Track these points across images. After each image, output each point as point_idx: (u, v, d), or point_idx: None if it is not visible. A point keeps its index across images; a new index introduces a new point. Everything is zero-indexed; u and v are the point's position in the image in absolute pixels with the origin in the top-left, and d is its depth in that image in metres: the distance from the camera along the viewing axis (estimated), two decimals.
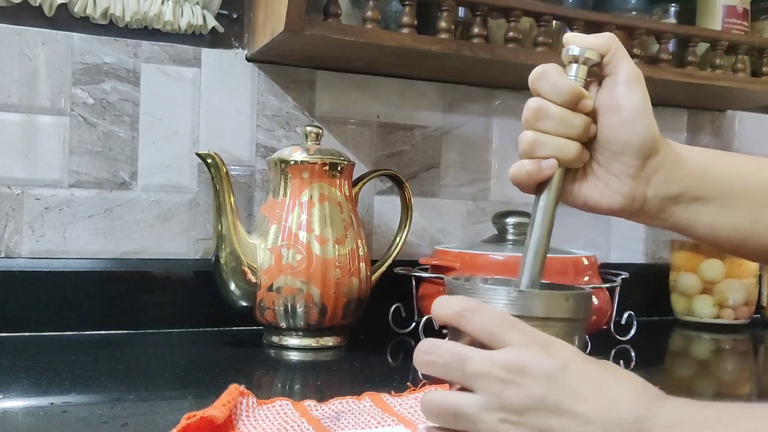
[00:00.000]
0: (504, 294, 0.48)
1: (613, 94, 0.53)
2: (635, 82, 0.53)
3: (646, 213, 0.55)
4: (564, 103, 0.52)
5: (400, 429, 0.59)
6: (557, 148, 0.53)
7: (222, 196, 0.87)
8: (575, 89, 0.52)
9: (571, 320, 0.49)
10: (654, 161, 0.54)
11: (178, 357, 0.86)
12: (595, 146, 0.55)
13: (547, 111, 0.52)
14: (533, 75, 0.54)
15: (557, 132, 0.53)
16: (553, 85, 0.53)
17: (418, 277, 0.97)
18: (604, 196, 0.55)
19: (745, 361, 1.05)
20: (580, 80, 0.53)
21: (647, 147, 0.53)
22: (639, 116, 0.53)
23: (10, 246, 0.93)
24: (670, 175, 0.54)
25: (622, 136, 0.53)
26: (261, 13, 0.97)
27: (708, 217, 0.55)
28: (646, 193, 0.54)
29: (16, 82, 0.92)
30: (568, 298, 0.49)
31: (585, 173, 0.55)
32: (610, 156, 0.54)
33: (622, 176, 0.54)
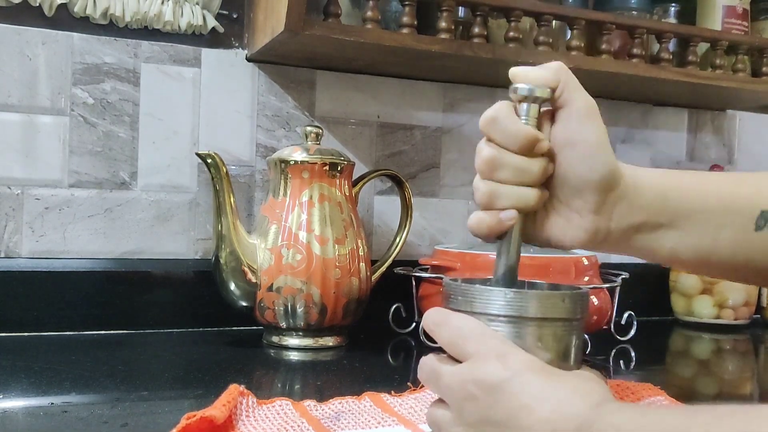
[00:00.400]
0: (500, 295, 0.48)
1: (567, 129, 0.52)
2: (590, 114, 0.52)
3: (608, 244, 0.55)
4: (519, 150, 0.50)
5: (400, 429, 0.59)
6: (516, 197, 0.51)
7: (222, 196, 0.87)
8: (529, 134, 0.50)
9: (568, 320, 0.49)
10: (614, 194, 0.53)
11: (178, 357, 0.86)
12: (553, 183, 0.53)
13: (502, 161, 0.51)
14: (483, 120, 0.52)
15: (515, 181, 0.51)
16: (506, 133, 0.50)
17: (418, 277, 0.97)
18: (568, 234, 0.54)
19: (745, 361, 1.05)
20: (532, 120, 0.51)
21: (606, 181, 0.52)
22: (596, 151, 0.51)
23: (10, 246, 0.92)
24: (632, 205, 0.53)
25: (580, 173, 0.52)
26: (261, 13, 0.97)
27: (669, 241, 0.54)
28: (609, 226, 0.53)
29: (16, 82, 0.92)
30: (565, 298, 0.49)
31: (546, 211, 0.54)
32: (570, 192, 0.53)
33: (583, 212, 0.53)
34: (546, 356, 0.48)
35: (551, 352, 0.48)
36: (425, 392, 0.66)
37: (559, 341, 0.49)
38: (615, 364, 0.90)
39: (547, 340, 0.48)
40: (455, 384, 0.47)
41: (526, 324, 0.48)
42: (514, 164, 0.51)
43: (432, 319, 0.50)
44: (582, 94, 0.52)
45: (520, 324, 0.48)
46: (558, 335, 0.48)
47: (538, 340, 0.48)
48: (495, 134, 0.51)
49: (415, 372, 0.52)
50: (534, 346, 0.48)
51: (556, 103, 0.52)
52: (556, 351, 0.48)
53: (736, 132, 1.37)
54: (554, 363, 0.48)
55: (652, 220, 0.54)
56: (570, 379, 0.45)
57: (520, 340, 0.48)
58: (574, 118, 0.51)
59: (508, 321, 0.48)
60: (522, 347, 0.47)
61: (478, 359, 0.46)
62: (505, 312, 0.48)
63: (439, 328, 0.49)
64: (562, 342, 0.49)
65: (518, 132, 0.50)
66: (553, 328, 0.48)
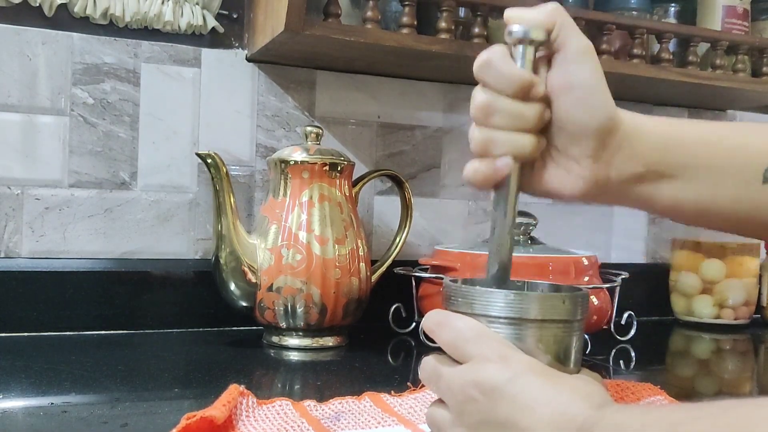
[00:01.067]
0: (501, 296, 0.48)
1: (563, 73, 0.50)
2: (585, 55, 0.50)
3: (608, 194, 0.53)
4: (514, 95, 0.49)
5: (400, 429, 0.59)
6: (511, 144, 0.49)
7: (222, 196, 0.87)
8: (524, 78, 0.49)
9: (568, 321, 0.49)
10: (614, 140, 0.51)
11: (178, 357, 0.86)
12: (551, 130, 0.51)
13: (496, 106, 0.49)
14: (477, 64, 0.50)
15: (510, 126, 0.49)
16: (500, 75, 0.49)
17: (418, 277, 0.97)
18: (566, 183, 0.52)
19: (745, 361, 1.05)
20: (528, 64, 0.49)
21: (605, 126, 0.50)
22: (593, 94, 0.50)
23: (10, 246, 0.92)
24: (632, 153, 0.51)
25: (578, 117, 0.50)
26: (261, 13, 0.97)
27: (669, 191, 0.53)
28: (608, 174, 0.52)
29: (16, 82, 0.92)
30: (565, 299, 0.49)
31: (543, 160, 0.52)
32: (568, 140, 0.51)
33: (582, 160, 0.51)
34: (546, 358, 0.48)
35: (552, 354, 0.48)
36: (425, 392, 0.66)
37: (560, 343, 0.48)
38: (615, 364, 0.90)
39: (548, 341, 0.48)
40: (456, 385, 0.47)
41: (527, 325, 0.48)
42: (510, 109, 0.49)
43: (433, 320, 0.50)
44: (578, 35, 0.50)
45: (521, 325, 0.48)
46: (558, 337, 0.48)
47: (539, 341, 0.48)
48: (489, 78, 0.49)
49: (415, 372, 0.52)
50: (534, 347, 0.48)
51: (552, 47, 0.50)
52: (556, 352, 0.48)
53: None
54: (554, 364, 0.48)
55: (652, 170, 0.52)
56: (571, 382, 0.45)
57: (521, 341, 0.47)
58: (570, 61, 0.49)
59: (508, 323, 0.48)
60: (522, 349, 0.47)
61: (478, 361, 0.46)
62: (506, 314, 0.48)
63: (440, 330, 0.49)
64: (562, 343, 0.49)
65: (512, 75, 0.49)
66: (553, 330, 0.48)
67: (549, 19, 0.49)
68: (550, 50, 0.50)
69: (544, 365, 0.46)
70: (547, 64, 0.51)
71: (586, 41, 0.50)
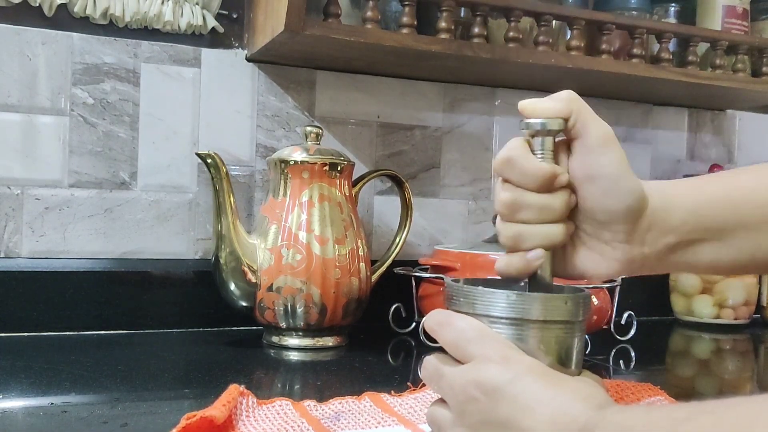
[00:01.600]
0: (503, 297, 0.48)
1: (587, 162, 0.50)
2: (607, 144, 0.50)
3: (646, 268, 0.53)
4: (539, 189, 0.49)
5: (400, 429, 0.59)
6: (542, 236, 0.50)
7: (222, 196, 0.87)
8: (547, 171, 0.49)
9: (570, 322, 0.49)
10: (644, 221, 0.51)
11: (178, 357, 0.86)
12: (578, 216, 0.51)
13: (522, 202, 0.49)
14: (498, 163, 0.50)
15: (538, 220, 0.49)
16: (523, 173, 0.49)
17: (418, 277, 0.97)
18: (601, 266, 0.52)
19: (745, 361, 1.05)
20: (548, 153, 0.50)
21: (634, 210, 0.50)
22: (619, 182, 0.49)
23: (10, 246, 0.92)
24: (664, 228, 0.51)
25: (605, 205, 0.50)
26: (261, 13, 0.97)
27: (708, 255, 0.53)
28: (643, 252, 0.52)
29: (16, 82, 0.92)
30: (567, 300, 0.49)
31: (573, 245, 0.53)
32: (597, 225, 0.51)
33: (614, 243, 0.51)
34: (548, 359, 0.48)
35: (553, 355, 0.48)
36: (425, 392, 0.66)
37: (561, 343, 0.48)
38: (615, 364, 0.90)
39: (549, 342, 0.48)
40: (457, 385, 0.47)
41: (528, 326, 0.48)
42: (536, 203, 0.49)
43: (434, 320, 0.50)
44: (596, 122, 0.50)
45: (522, 326, 0.48)
46: (560, 338, 0.48)
47: (540, 342, 0.48)
48: (512, 175, 0.50)
49: (415, 372, 0.52)
50: (536, 348, 0.48)
51: (571, 133, 0.50)
52: (557, 353, 0.48)
53: (735, 132, 1.37)
54: (556, 365, 0.48)
55: (686, 239, 0.52)
56: (572, 383, 0.45)
57: (522, 342, 0.47)
58: (591, 150, 0.49)
59: (510, 323, 0.48)
60: (524, 350, 0.47)
61: (480, 361, 0.46)
62: (507, 314, 0.48)
63: (442, 329, 0.49)
64: (564, 344, 0.49)
65: (536, 170, 0.49)
66: (555, 331, 0.48)
67: (565, 108, 0.50)
68: (569, 136, 0.51)
69: (546, 366, 0.46)
70: (567, 148, 0.51)
71: (606, 128, 0.50)
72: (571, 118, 0.50)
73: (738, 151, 1.37)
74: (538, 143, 0.50)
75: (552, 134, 0.50)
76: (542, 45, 0.98)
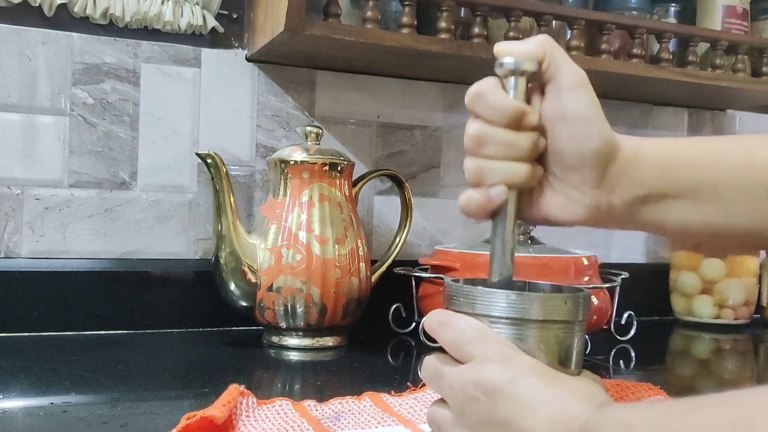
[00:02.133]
0: (503, 297, 0.48)
1: (558, 103, 0.49)
2: (580, 86, 0.49)
3: (612, 219, 0.52)
4: (506, 124, 0.49)
5: (400, 429, 0.59)
6: (506, 173, 0.49)
7: (222, 196, 0.87)
8: (516, 107, 0.49)
9: (570, 322, 0.49)
10: (614, 167, 0.50)
11: (178, 357, 0.86)
12: (548, 159, 0.51)
13: (489, 136, 0.49)
14: (469, 95, 0.50)
15: (503, 156, 0.49)
16: (492, 106, 0.49)
17: (418, 277, 0.97)
18: (567, 210, 0.51)
19: (745, 361, 1.05)
20: (520, 95, 0.50)
21: (603, 155, 0.50)
22: (589, 124, 0.49)
23: (10, 246, 0.92)
24: (634, 177, 0.51)
25: (575, 148, 0.49)
26: (261, 13, 0.97)
27: (677, 214, 0.52)
28: (611, 201, 0.51)
29: (16, 82, 0.92)
30: (567, 300, 0.49)
31: (542, 188, 0.52)
32: (566, 169, 0.50)
33: (582, 188, 0.51)
34: (548, 358, 0.48)
35: (553, 354, 0.48)
36: (425, 392, 0.66)
37: (561, 343, 0.48)
38: (615, 364, 0.90)
39: (549, 342, 0.48)
40: (457, 385, 0.47)
41: (528, 326, 0.48)
42: (502, 139, 0.49)
43: (434, 320, 0.50)
44: (570, 65, 0.50)
45: (522, 326, 0.48)
46: (560, 337, 0.48)
47: (540, 342, 0.48)
48: (481, 109, 0.49)
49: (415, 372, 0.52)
50: (536, 348, 0.48)
51: (544, 77, 0.50)
52: (557, 353, 0.48)
53: (736, 132, 1.37)
54: (556, 365, 0.48)
55: (656, 192, 0.51)
56: (572, 383, 0.45)
57: (522, 342, 0.47)
58: (562, 91, 0.49)
59: (510, 323, 0.48)
60: (524, 349, 0.47)
61: (480, 361, 0.46)
62: (507, 314, 0.48)
63: (442, 329, 0.49)
64: (563, 344, 0.49)
65: (504, 105, 0.49)
66: (555, 331, 0.48)
67: (539, 50, 0.49)
68: (542, 80, 0.51)
69: (546, 366, 0.46)
70: (540, 93, 0.51)
71: (579, 71, 0.50)
72: (545, 60, 0.50)
73: None
74: (511, 83, 0.50)
75: (525, 75, 0.50)
76: None
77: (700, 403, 0.37)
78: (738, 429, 0.33)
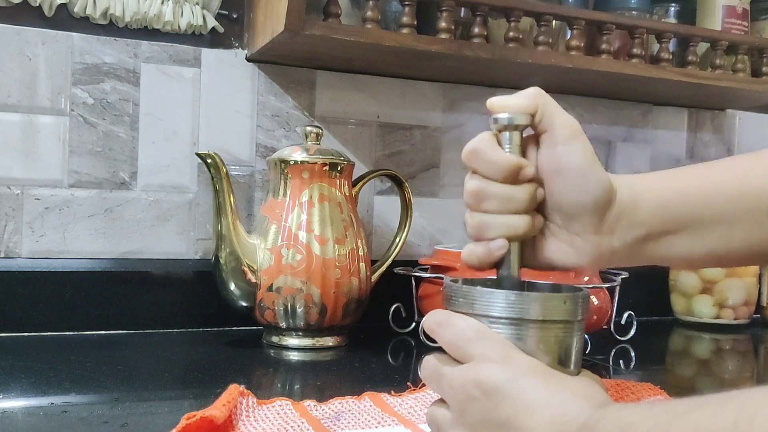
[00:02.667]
0: (502, 297, 0.48)
1: (553, 155, 0.50)
2: (573, 137, 0.50)
3: (616, 259, 0.53)
4: (503, 179, 0.50)
5: (400, 429, 0.59)
6: (505, 226, 0.50)
7: (222, 196, 0.87)
8: (511, 162, 0.49)
9: (569, 322, 0.49)
10: (612, 212, 0.51)
11: (178, 357, 0.86)
12: (547, 209, 0.52)
13: (487, 192, 0.50)
14: (465, 153, 0.51)
15: (502, 210, 0.50)
16: (488, 162, 0.50)
17: (418, 277, 0.97)
18: (570, 256, 0.52)
19: (745, 361, 1.05)
20: (515, 148, 0.50)
21: (601, 203, 0.50)
22: (585, 174, 0.50)
23: (10, 246, 0.92)
24: (632, 220, 0.51)
25: (573, 198, 0.50)
26: (261, 13, 0.97)
27: (680, 248, 0.52)
28: (612, 243, 0.52)
29: (16, 82, 0.92)
30: (566, 300, 0.49)
31: (544, 236, 0.53)
32: (566, 217, 0.51)
33: (583, 234, 0.51)
34: (547, 358, 0.48)
35: (552, 354, 0.48)
36: (425, 392, 0.66)
37: (560, 343, 0.48)
38: (615, 364, 0.90)
39: (549, 342, 0.48)
40: (457, 385, 0.47)
41: (528, 326, 0.48)
42: (500, 193, 0.50)
43: (434, 320, 0.50)
44: (562, 116, 0.51)
45: (522, 326, 0.48)
46: (559, 337, 0.48)
47: (540, 342, 0.48)
48: (478, 165, 0.50)
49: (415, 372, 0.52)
50: (535, 348, 0.48)
51: (538, 129, 0.51)
52: (557, 353, 0.48)
53: (735, 132, 1.37)
54: (555, 365, 0.48)
55: (656, 231, 0.52)
56: (571, 383, 0.45)
57: (521, 342, 0.48)
58: (557, 144, 0.50)
59: (509, 323, 0.48)
60: (523, 349, 0.47)
61: (480, 361, 0.46)
62: (507, 314, 0.48)
63: (442, 329, 0.49)
64: (563, 344, 0.49)
65: (500, 160, 0.50)
66: (554, 330, 0.48)
67: (531, 104, 0.50)
68: (536, 131, 0.51)
69: (546, 366, 0.46)
70: (536, 144, 0.52)
71: (572, 121, 0.51)
72: (537, 113, 0.50)
73: (738, 150, 1.37)
74: (506, 138, 0.51)
75: (519, 129, 0.51)
76: (542, 45, 0.98)
77: (701, 402, 0.37)
78: (739, 427, 0.33)
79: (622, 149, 1.26)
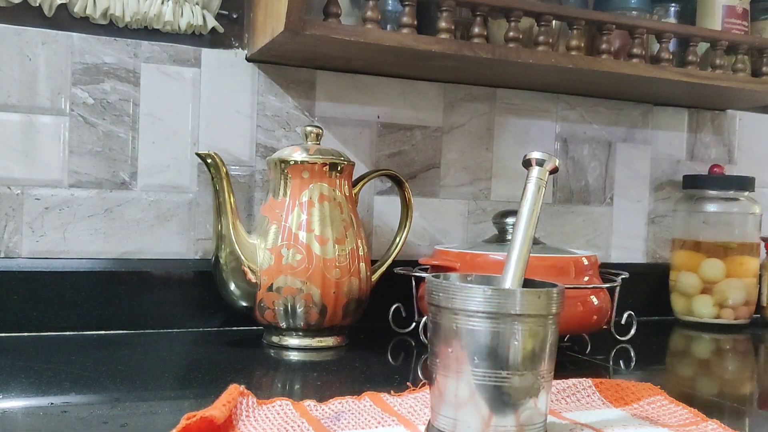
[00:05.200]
0: (479, 292, 0.51)
1: None
2: None
3: None
4: None
5: (400, 429, 0.59)
6: None
7: (222, 196, 0.87)
8: None
9: (543, 316, 0.52)
10: None
11: (178, 357, 0.86)
12: None
13: None
14: None
15: None
16: None
17: (418, 277, 0.97)
18: None
19: (745, 361, 1.05)
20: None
21: None
22: None
23: (10, 246, 0.92)
24: None
25: None
26: (261, 13, 0.97)
27: None
28: None
29: (16, 82, 0.92)
30: (540, 295, 0.52)
31: None
32: None
33: None
34: (522, 350, 0.51)
35: (527, 346, 0.51)
36: (425, 392, 0.66)
37: (535, 336, 0.52)
38: (615, 364, 0.90)
39: (524, 335, 0.51)
40: None
41: (504, 320, 0.51)
42: None
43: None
44: None
45: (498, 319, 0.51)
46: (534, 330, 0.52)
47: (515, 335, 0.51)
48: None
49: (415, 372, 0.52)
50: (511, 340, 0.51)
51: None
52: (532, 345, 0.52)
53: (736, 132, 1.37)
54: (529, 357, 0.51)
55: None
56: None
57: (498, 334, 0.51)
58: None
59: (486, 317, 0.51)
60: (499, 342, 0.51)
61: None
62: (484, 308, 0.51)
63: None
64: (537, 337, 0.52)
65: None
66: (529, 324, 0.51)
67: None
68: None
69: None
70: None
71: None
72: None
73: (738, 151, 1.37)
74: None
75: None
76: (542, 45, 0.98)
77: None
78: None
79: (622, 149, 1.26)
